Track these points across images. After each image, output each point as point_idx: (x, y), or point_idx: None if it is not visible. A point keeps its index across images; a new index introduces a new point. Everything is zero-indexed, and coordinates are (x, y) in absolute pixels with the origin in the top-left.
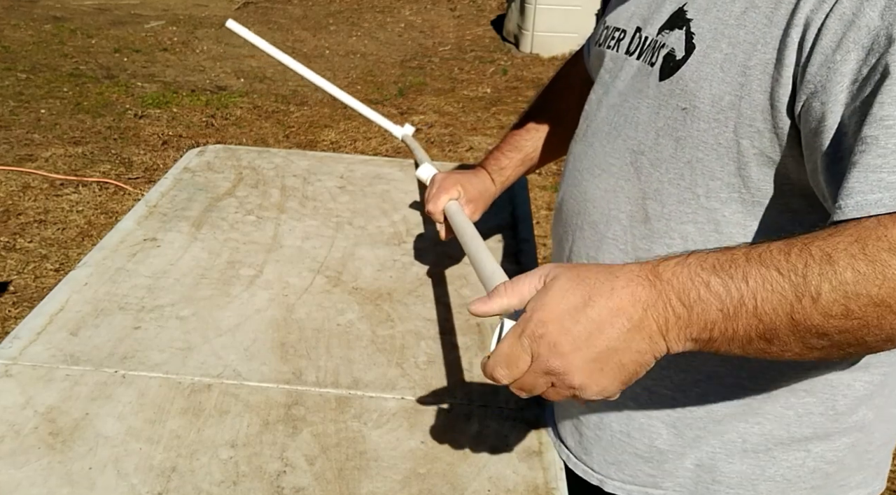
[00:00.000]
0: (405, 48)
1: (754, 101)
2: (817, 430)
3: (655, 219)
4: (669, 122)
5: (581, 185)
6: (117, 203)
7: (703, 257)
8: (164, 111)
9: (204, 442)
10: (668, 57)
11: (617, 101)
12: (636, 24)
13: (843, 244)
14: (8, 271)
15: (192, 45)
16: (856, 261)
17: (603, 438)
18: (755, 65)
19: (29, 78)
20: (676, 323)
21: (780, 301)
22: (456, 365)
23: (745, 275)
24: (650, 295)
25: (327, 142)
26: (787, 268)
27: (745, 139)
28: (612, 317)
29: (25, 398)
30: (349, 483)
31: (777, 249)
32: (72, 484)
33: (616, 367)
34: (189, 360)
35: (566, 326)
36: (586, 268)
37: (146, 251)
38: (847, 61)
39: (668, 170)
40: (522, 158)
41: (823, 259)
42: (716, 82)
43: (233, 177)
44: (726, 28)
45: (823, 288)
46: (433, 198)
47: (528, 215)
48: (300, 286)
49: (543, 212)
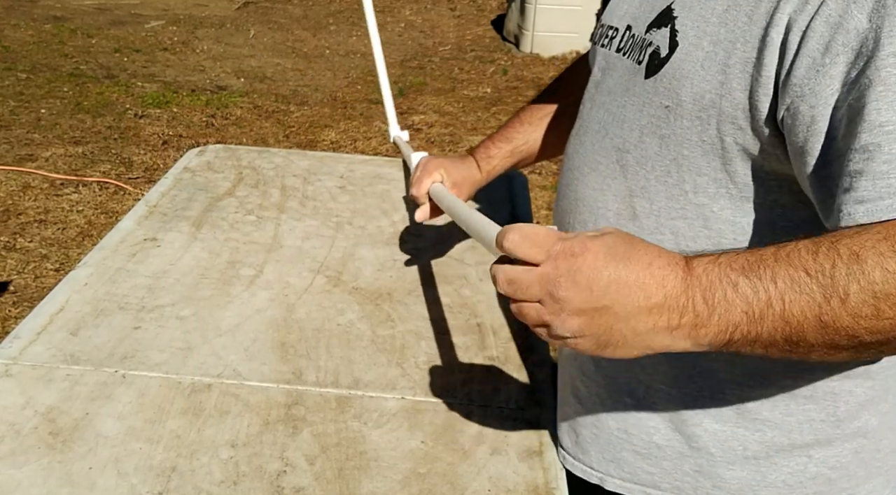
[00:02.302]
0: (405, 48)
1: (735, 99)
2: (818, 437)
3: (644, 215)
4: (653, 120)
5: (573, 184)
6: (117, 203)
7: (733, 257)
8: (165, 111)
9: (204, 442)
10: (653, 55)
11: (606, 100)
12: (627, 23)
13: (872, 242)
14: (8, 271)
15: (192, 44)
16: (885, 260)
17: (601, 436)
18: (735, 63)
19: (29, 78)
20: (693, 321)
21: (808, 302)
22: (456, 365)
23: (774, 277)
24: (676, 286)
25: (327, 142)
26: (816, 269)
27: (728, 136)
28: (635, 287)
29: (25, 398)
30: (349, 483)
31: (805, 248)
32: (72, 484)
33: (604, 328)
34: (189, 360)
35: (597, 266)
36: (638, 237)
37: (146, 251)
38: (836, 64)
39: (654, 167)
40: (511, 150)
41: (851, 258)
42: (697, 80)
43: (233, 177)
44: (708, 26)
45: (852, 288)
46: (416, 181)
47: (528, 215)
48: (300, 286)
49: (543, 212)
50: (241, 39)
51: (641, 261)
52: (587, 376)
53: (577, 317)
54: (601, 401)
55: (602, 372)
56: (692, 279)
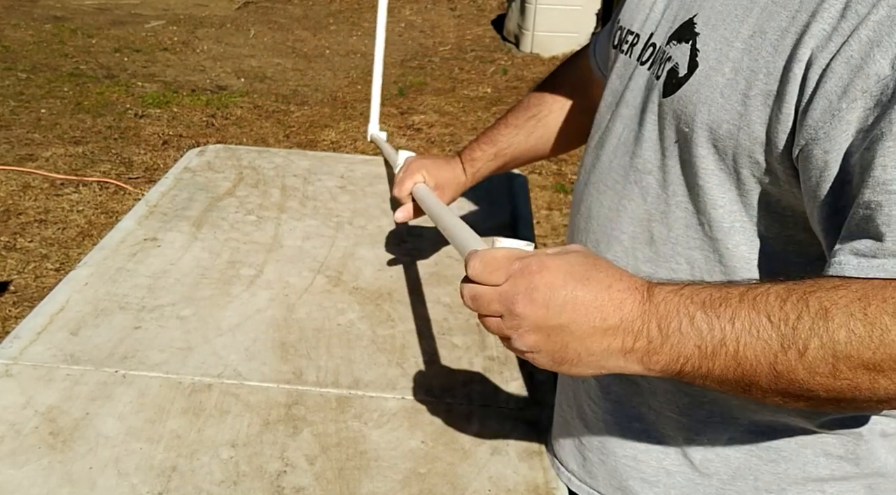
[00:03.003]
0: (405, 48)
1: (753, 132)
2: (835, 473)
3: (661, 242)
4: (674, 144)
5: (587, 200)
6: (117, 203)
7: (698, 289)
8: (165, 111)
9: (204, 441)
10: (671, 72)
11: (626, 113)
12: (650, 30)
13: (845, 301)
14: (8, 271)
15: (192, 44)
16: (853, 321)
17: (607, 463)
18: (756, 95)
19: (29, 78)
20: (646, 347)
21: (763, 349)
22: (456, 365)
23: (734, 317)
24: (633, 310)
25: (327, 142)
26: (779, 317)
27: (744, 168)
28: (592, 308)
29: (25, 398)
30: (349, 483)
31: (775, 294)
32: (72, 484)
33: (559, 345)
34: (189, 360)
35: (555, 284)
36: (603, 259)
37: (146, 251)
38: (853, 110)
39: (676, 192)
40: (496, 152)
41: (819, 313)
42: (715, 108)
43: (233, 176)
44: (731, 51)
45: (812, 343)
46: (399, 182)
47: (528, 215)
48: (300, 286)
49: (543, 211)
50: (241, 39)
51: (601, 283)
52: (594, 400)
53: (533, 333)
54: (608, 427)
55: (611, 398)
56: (650, 306)
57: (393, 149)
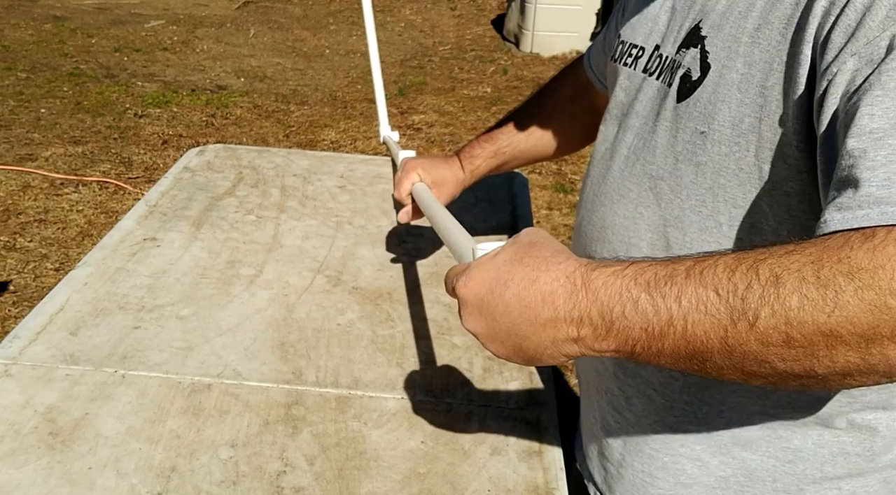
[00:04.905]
0: (405, 47)
1: (774, 123)
2: (852, 470)
3: (677, 247)
4: (688, 147)
5: (599, 211)
6: (117, 202)
7: (641, 269)
8: (165, 111)
9: (204, 441)
10: (684, 78)
11: (635, 123)
12: (655, 42)
13: (797, 265)
14: (8, 271)
15: (192, 44)
16: (805, 285)
17: (625, 477)
18: (773, 85)
19: (29, 77)
20: (592, 334)
21: (712, 324)
22: (456, 365)
23: (679, 295)
24: (567, 300)
25: (327, 142)
26: (728, 289)
27: (766, 164)
28: (523, 308)
29: (25, 398)
30: (349, 483)
31: (723, 265)
32: (72, 484)
33: (516, 347)
34: (189, 360)
35: (482, 294)
36: (539, 247)
37: (146, 251)
38: (843, 72)
39: (689, 196)
40: (495, 151)
41: (770, 281)
42: (734, 104)
43: (233, 176)
44: (740, 46)
45: (763, 312)
46: (398, 183)
47: (528, 215)
48: (300, 286)
49: (543, 211)
50: (241, 39)
51: (525, 280)
52: (618, 412)
53: (491, 343)
54: (627, 441)
55: (632, 411)
56: (587, 293)
57: (401, 149)
